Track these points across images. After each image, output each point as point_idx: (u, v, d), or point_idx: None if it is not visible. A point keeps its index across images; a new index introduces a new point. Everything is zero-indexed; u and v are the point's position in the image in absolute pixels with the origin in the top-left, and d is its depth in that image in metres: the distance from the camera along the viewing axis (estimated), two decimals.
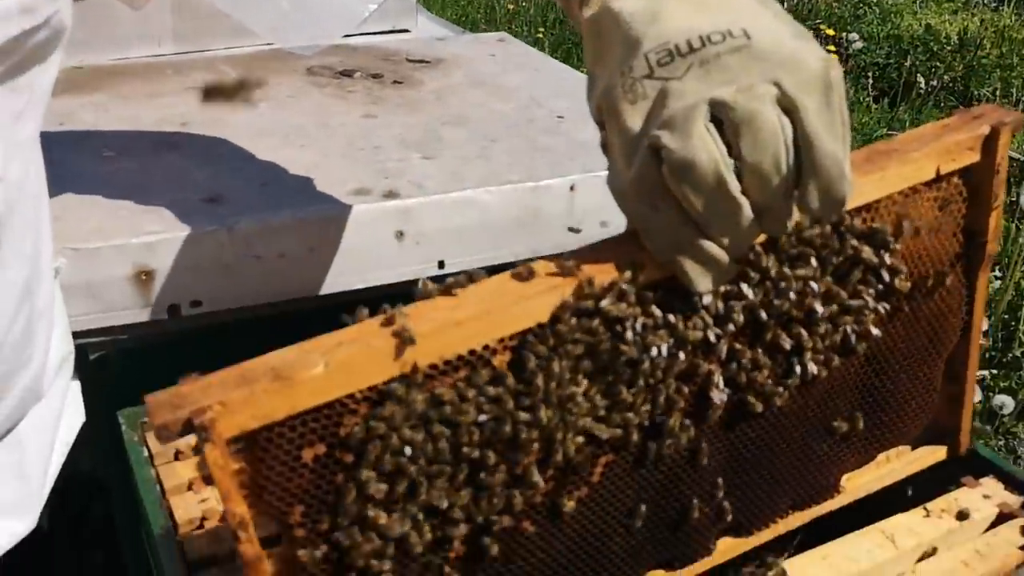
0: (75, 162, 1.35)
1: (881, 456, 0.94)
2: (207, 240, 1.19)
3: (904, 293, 0.83)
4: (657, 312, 0.72)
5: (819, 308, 0.77)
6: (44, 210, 0.95)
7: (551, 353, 0.70)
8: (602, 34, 0.76)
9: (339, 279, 1.28)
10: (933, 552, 0.93)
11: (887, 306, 0.82)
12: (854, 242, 0.79)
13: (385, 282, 1.31)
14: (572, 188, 1.37)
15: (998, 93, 4.80)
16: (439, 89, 1.69)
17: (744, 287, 0.74)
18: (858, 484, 0.94)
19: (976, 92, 4.85)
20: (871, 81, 4.85)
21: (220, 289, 1.22)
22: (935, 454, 0.98)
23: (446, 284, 0.71)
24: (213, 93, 1.60)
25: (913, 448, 0.97)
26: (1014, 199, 3.54)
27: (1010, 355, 2.84)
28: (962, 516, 0.95)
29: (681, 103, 0.69)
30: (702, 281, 0.72)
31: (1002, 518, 0.96)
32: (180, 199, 1.26)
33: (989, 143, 0.86)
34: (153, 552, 0.97)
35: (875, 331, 0.81)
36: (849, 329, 0.79)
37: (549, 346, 0.70)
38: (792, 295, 0.76)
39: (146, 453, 1.05)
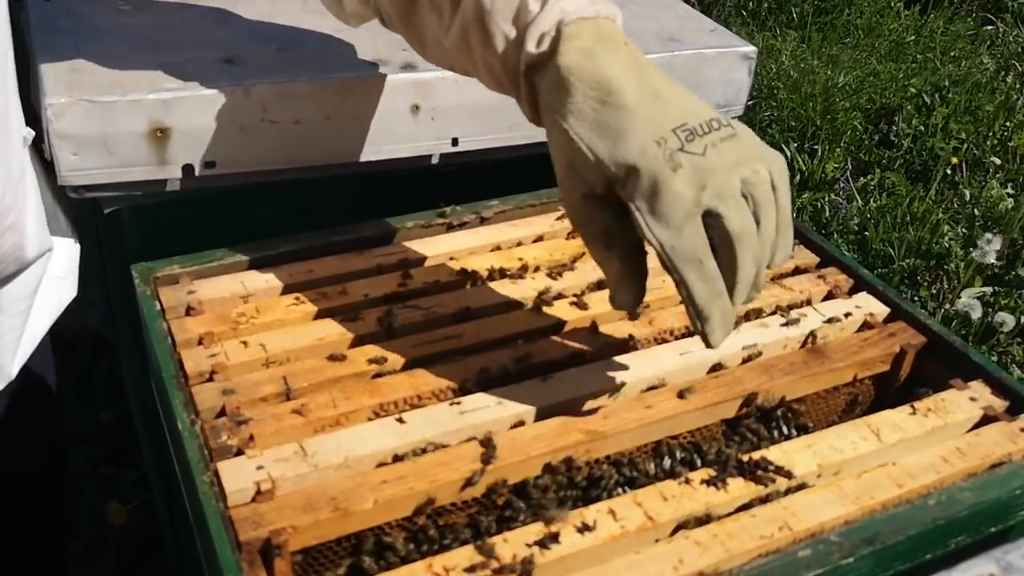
0: (92, 15, 1.33)
1: None
2: (223, 100, 1.18)
3: None
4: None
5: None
6: (10, 84, 0.96)
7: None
8: (574, 90, 0.85)
9: (354, 149, 1.28)
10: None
11: None
12: (786, 429, 1.00)
13: (399, 155, 1.31)
14: None
15: None
16: None
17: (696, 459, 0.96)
18: None
19: (1010, 2, 4.70)
20: None
21: (235, 152, 1.22)
22: None
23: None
24: None
25: None
26: None
27: (1013, 273, 2.85)
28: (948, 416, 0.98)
29: (722, 177, 0.83)
30: (719, 336, 0.86)
31: (986, 420, 0.99)
32: (196, 58, 1.24)
33: (898, 359, 1.06)
34: (163, 402, 1.00)
35: None
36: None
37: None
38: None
39: (158, 307, 1.07)
